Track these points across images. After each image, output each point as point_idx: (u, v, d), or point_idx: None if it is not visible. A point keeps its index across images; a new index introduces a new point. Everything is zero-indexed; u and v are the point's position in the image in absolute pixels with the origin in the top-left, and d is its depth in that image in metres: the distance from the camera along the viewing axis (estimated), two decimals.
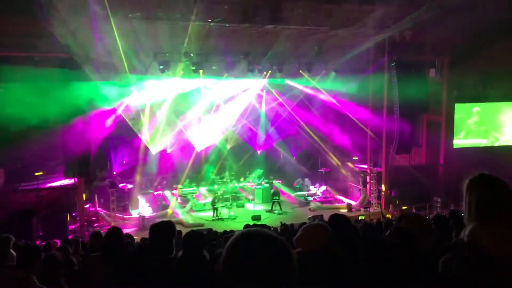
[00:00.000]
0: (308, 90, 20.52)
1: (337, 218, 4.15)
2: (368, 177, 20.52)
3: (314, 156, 24.24)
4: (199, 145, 22.01)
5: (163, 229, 3.70)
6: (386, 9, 15.55)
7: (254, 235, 1.51)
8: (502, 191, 2.16)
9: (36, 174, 16.30)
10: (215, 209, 18.76)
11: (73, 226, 16.18)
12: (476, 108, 20.59)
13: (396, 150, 18.99)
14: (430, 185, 19.37)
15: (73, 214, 16.42)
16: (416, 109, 19.00)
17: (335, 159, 22.39)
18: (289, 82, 20.42)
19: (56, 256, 4.43)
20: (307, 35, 16.51)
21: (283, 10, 14.85)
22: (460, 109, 20.44)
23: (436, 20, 15.11)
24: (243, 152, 23.96)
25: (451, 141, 20.43)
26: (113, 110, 18.01)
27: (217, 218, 18.51)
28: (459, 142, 20.57)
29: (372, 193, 20.18)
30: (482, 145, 20.78)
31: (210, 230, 12.77)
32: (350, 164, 22.12)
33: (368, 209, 19.45)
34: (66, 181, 16.80)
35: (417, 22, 15.71)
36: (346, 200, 20.99)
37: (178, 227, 13.06)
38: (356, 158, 21.66)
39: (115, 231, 3.96)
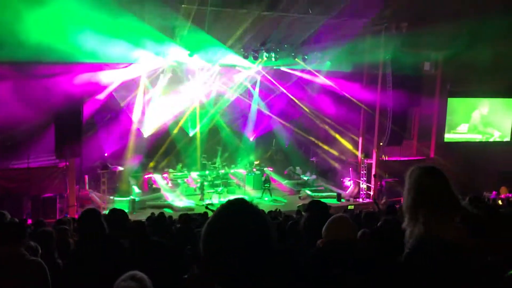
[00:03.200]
0: (299, 73, 20.60)
1: (316, 203, 4.19)
2: (359, 168, 20.64)
3: (306, 145, 24.28)
4: (191, 129, 22.03)
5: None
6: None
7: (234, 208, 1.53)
8: (438, 179, 2.35)
9: None
10: (202, 193, 18.89)
11: (61, 206, 16.08)
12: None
13: (387, 142, 19.13)
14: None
15: (64, 194, 16.36)
16: (410, 102, 19.09)
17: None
18: (284, 69, 20.36)
19: (51, 232, 4.46)
20: (304, 23, 16.46)
21: None
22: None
23: (432, 15, 15.15)
24: (236, 138, 23.96)
25: (442, 135, 20.63)
26: (103, 87, 17.57)
27: (205, 204, 18.46)
28: (451, 136, 20.83)
29: (362, 184, 20.31)
30: (473, 140, 21.03)
31: (205, 214, 12.81)
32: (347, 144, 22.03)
33: (357, 199, 19.64)
34: (57, 161, 16.72)
35: (414, 15, 15.75)
36: (336, 190, 21.12)
37: (167, 211, 12.97)
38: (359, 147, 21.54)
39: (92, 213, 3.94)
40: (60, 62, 14.29)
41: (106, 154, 20.36)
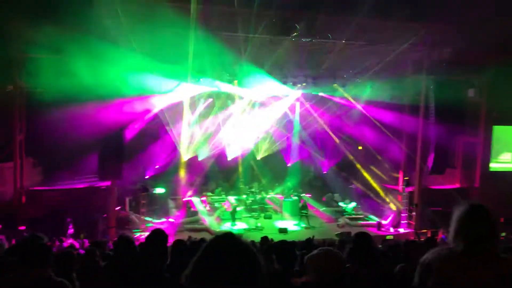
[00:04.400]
0: (338, 100, 20.53)
1: (361, 237, 4.02)
2: (400, 197, 20.09)
3: (347, 171, 23.95)
4: (231, 154, 22.24)
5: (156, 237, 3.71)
6: (427, 27, 15.45)
7: (224, 245, 1.55)
8: (480, 218, 2.39)
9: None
10: (234, 217, 18.90)
11: (103, 227, 16.49)
12: None
13: (430, 170, 18.58)
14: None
15: (104, 215, 16.77)
16: (453, 130, 18.55)
17: (368, 177, 21.97)
18: (323, 94, 20.36)
19: (70, 252, 4.55)
20: (344, 49, 16.45)
21: (320, 24, 14.85)
22: (504, 131, 19.99)
23: (476, 41, 14.83)
24: (274, 163, 23.94)
25: (487, 164, 19.88)
26: (145, 112, 18.28)
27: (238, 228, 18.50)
28: (494, 165, 20.05)
29: (403, 213, 19.70)
30: None
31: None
32: (387, 177, 21.59)
33: (398, 229, 19.07)
34: (99, 182, 17.23)
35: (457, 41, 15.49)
36: (376, 218, 20.61)
37: (205, 235, 13.05)
38: (397, 175, 21.07)
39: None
40: (109, 97, 15.06)
41: (147, 176, 20.81)
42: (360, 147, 22.60)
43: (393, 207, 20.36)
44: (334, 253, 3.10)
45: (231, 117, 21.19)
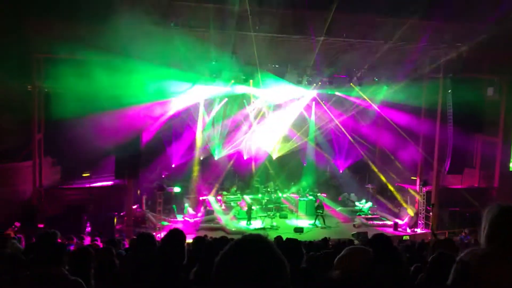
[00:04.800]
0: (354, 100, 20.41)
1: (379, 238, 3.98)
2: (416, 197, 19.86)
3: (362, 171, 23.78)
4: (246, 154, 22.30)
5: (175, 236, 3.71)
6: (443, 25, 15.22)
7: (249, 245, 1.52)
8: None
9: (84, 175, 16.88)
10: (249, 217, 18.90)
11: (120, 226, 16.65)
12: None
13: (448, 169, 18.32)
14: (483, 208, 18.50)
15: (121, 214, 16.94)
16: (471, 129, 18.25)
17: (383, 177, 21.78)
18: (339, 94, 20.22)
19: (88, 250, 4.59)
20: (359, 48, 16.30)
21: (335, 22, 14.74)
22: None
23: (495, 38, 14.58)
24: (290, 163, 23.88)
25: (507, 164, 19.52)
26: (160, 115, 18.49)
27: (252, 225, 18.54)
28: None
29: (420, 213, 19.48)
30: None
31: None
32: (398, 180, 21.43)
33: (415, 229, 18.87)
34: (116, 181, 17.42)
35: (476, 40, 15.25)
36: (393, 219, 20.39)
37: (220, 234, 13.08)
38: (415, 178, 20.80)
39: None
40: (127, 102, 15.32)
41: (163, 176, 20.96)
42: (376, 149, 22.42)
43: (410, 212, 20.13)
44: (359, 251, 3.13)
45: (247, 118, 21.29)
